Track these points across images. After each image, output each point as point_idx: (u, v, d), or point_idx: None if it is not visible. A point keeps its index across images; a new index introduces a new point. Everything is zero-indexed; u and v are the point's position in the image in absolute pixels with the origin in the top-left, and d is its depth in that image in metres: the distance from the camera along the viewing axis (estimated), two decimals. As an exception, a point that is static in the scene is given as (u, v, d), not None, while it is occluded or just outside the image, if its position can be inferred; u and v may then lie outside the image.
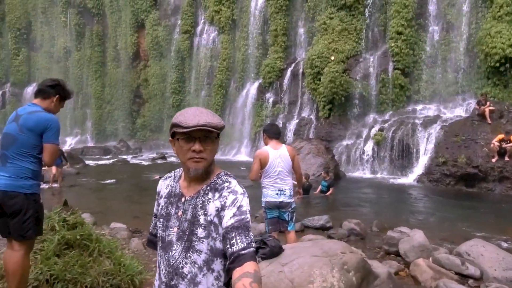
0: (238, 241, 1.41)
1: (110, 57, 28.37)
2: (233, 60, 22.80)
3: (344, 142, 16.25)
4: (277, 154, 4.53)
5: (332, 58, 17.01)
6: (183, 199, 1.57)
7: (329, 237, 6.90)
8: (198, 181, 1.56)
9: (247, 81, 22.13)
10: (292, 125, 18.53)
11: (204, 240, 1.49)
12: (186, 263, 1.51)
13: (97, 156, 22.73)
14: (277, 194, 4.57)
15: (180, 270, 1.52)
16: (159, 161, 20.12)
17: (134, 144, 26.47)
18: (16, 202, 2.78)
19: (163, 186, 1.68)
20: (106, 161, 20.82)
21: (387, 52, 16.45)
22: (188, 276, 1.51)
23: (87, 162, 19.35)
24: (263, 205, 4.74)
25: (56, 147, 2.96)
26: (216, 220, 1.49)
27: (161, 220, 1.60)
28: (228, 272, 1.43)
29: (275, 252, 3.51)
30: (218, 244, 1.48)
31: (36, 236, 2.95)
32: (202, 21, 24.44)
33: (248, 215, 1.48)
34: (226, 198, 1.50)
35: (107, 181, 13.90)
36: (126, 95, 27.55)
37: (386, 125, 15.21)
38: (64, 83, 3.14)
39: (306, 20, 20.02)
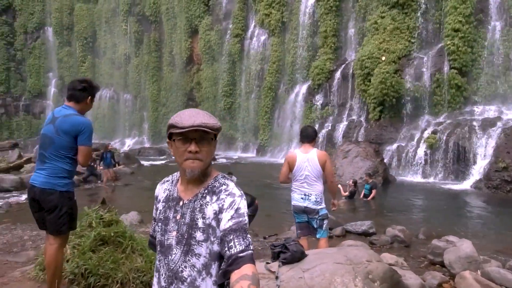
0: (236, 243, 1.40)
1: (166, 62, 29.60)
2: (282, 63, 22.85)
3: (395, 145, 15.67)
4: (305, 158, 4.46)
5: (383, 58, 16.49)
6: (181, 203, 1.56)
7: (371, 243, 6.71)
8: (196, 184, 1.55)
9: (296, 83, 22.08)
10: (341, 128, 18.20)
11: (203, 243, 1.49)
12: (185, 266, 1.50)
13: (152, 157, 23.77)
14: (302, 198, 4.49)
15: (180, 274, 1.51)
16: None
17: (187, 146, 27.35)
18: (52, 199, 3.00)
19: (161, 190, 1.67)
20: (159, 161, 21.73)
21: (443, 51, 15.64)
22: (188, 280, 1.50)
23: (142, 162, 20.32)
24: (291, 208, 4.72)
25: (90, 149, 3.15)
26: (214, 223, 1.48)
27: (160, 224, 1.59)
28: (226, 274, 1.42)
29: (297, 257, 3.46)
30: (216, 247, 1.48)
31: (69, 231, 3.19)
32: (253, 24, 24.76)
33: (246, 218, 1.48)
34: (224, 201, 1.49)
35: (158, 181, 14.52)
36: (180, 98, 28.59)
37: (440, 127, 14.46)
38: (91, 81, 3.30)
39: (357, 20, 19.58)
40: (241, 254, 1.39)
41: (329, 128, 18.78)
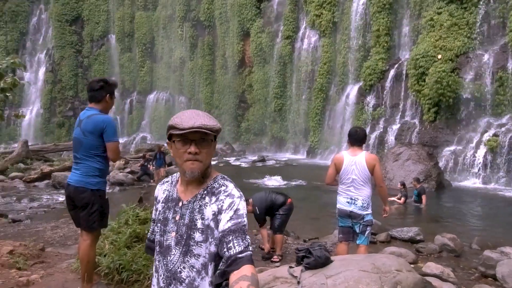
0: (235, 244, 1.41)
1: (219, 65, 30.29)
2: (333, 64, 22.49)
3: (451, 148, 14.83)
4: (352, 161, 4.34)
5: (439, 56, 15.67)
6: (180, 204, 1.57)
7: (417, 251, 6.47)
8: (195, 185, 1.56)
9: (347, 84, 21.62)
10: (393, 130, 17.55)
11: (202, 244, 1.49)
12: (184, 267, 1.51)
13: (205, 158, 24.40)
14: (348, 202, 4.39)
15: (178, 275, 1.52)
16: (259, 164, 20.82)
17: (239, 147, 27.81)
18: (84, 197, 3.19)
19: (160, 191, 1.69)
20: (212, 162, 22.31)
21: (507, 47, 14.55)
22: (186, 281, 1.51)
23: (194, 163, 20.96)
24: (336, 211, 4.63)
25: (116, 144, 3.28)
26: (212, 224, 1.49)
27: (159, 225, 1.61)
28: (224, 274, 1.42)
29: (320, 262, 3.40)
30: (213, 248, 1.49)
31: (100, 228, 3.41)
32: (303, 25, 24.62)
33: (245, 219, 1.48)
34: (223, 202, 1.49)
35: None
36: (232, 100, 29.12)
37: (502, 129, 13.48)
38: (107, 80, 3.43)
39: (411, 17, 18.78)
40: (240, 255, 1.39)
41: (381, 130, 18.18)
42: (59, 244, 6.18)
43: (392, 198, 10.54)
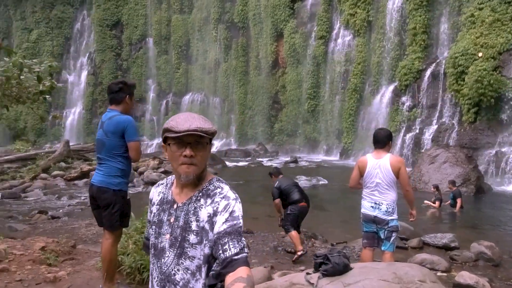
0: (231, 246, 1.41)
1: (252, 66, 30.42)
2: (368, 63, 22.02)
3: (492, 151, 14.13)
4: (376, 164, 4.22)
5: (480, 54, 14.98)
6: (175, 206, 1.57)
7: (451, 259, 6.24)
8: (190, 187, 1.56)
9: (382, 85, 21.10)
10: (430, 131, 16.95)
11: (197, 246, 1.49)
12: (178, 269, 1.51)
13: (237, 158, 24.62)
14: (372, 207, 4.28)
15: (172, 277, 1.52)
16: (291, 165, 20.73)
17: (272, 148, 27.81)
18: (106, 197, 3.28)
19: (155, 193, 1.69)
20: (244, 163, 22.44)
21: (555, 44, 13.71)
22: (180, 283, 1.51)
23: (227, 163, 21.18)
24: (361, 216, 4.54)
25: (137, 144, 3.34)
26: (207, 226, 1.49)
27: (154, 227, 1.61)
28: (219, 276, 1.43)
29: (338, 270, 3.31)
30: (207, 250, 1.49)
31: (122, 228, 3.51)
32: (337, 25, 24.28)
33: (241, 221, 1.49)
34: (218, 204, 1.49)
35: (238, 182, 15.01)
36: (265, 101, 29.15)
37: (549, 131, 12.70)
38: (126, 81, 3.51)
39: (451, 14, 18.06)
40: (235, 257, 1.40)
41: (417, 131, 17.61)
42: (91, 241, 6.42)
43: (427, 202, 10.21)
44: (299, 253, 5.72)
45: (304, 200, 6.14)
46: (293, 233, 5.89)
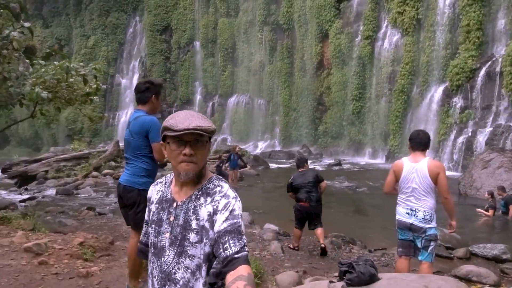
0: (231, 245, 1.41)
1: (297, 68, 30.27)
2: (416, 63, 21.15)
3: (555, 156, 13.01)
4: (413, 168, 3.98)
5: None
6: (174, 204, 1.56)
7: (502, 272, 5.84)
8: (190, 185, 1.56)
9: (431, 85, 20.18)
10: (484, 134, 15.95)
11: (197, 245, 1.49)
12: (178, 268, 1.51)
13: (281, 160, 24.59)
14: (407, 213, 4.04)
15: (173, 276, 1.52)
16: (335, 168, 20.37)
17: (316, 150, 27.49)
18: (131, 196, 3.33)
19: (154, 192, 1.68)
20: (287, 165, 22.36)
21: None
22: (181, 282, 1.51)
23: (270, 165, 21.20)
24: (396, 223, 4.35)
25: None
26: (207, 224, 1.49)
27: (153, 226, 1.60)
28: (220, 275, 1.44)
29: (364, 280, 3.15)
30: (208, 249, 1.50)
31: None
32: (385, 24, 23.55)
33: (241, 220, 1.48)
34: (218, 203, 1.49)
35: (280, 184, 14.96)
36: (310, 103, 28.89)
37: None
38: (153, 80, 3.49)
39: (509, 9, 16.91)
40: (236, 255, 1.39)
41: (469, 134, 16.64)
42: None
43: (479, 210, 9.64)
44: (290, 246, 6.58)
45: (307, 201, 6.38)
46: (295, 229, 6.58)
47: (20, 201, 11.68)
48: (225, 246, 1.41)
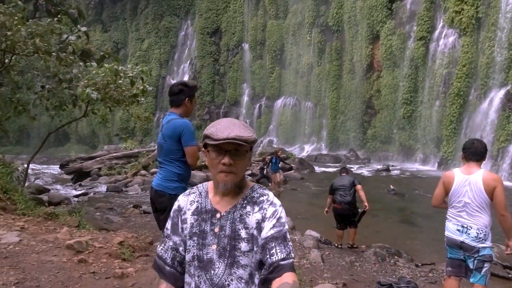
0: (278, 251, 1.42)
1: (346, 70, 29.62)
2: (475, 65, 19.90)
3: None
4: (465, 181, 3.62)
5: None
6: (218, 215, 1.53)
7: None
8: (231, 195, 1.55)
9: (491, 89, 18.88)
10: (550, 142, 14.68)
11: (248, 254, 1.49)
12: (232, 279, 1.48)
13: (327, 164, 24.13)
14: (458, 230, 3.68)
15: None
16: (383, 173, 19.66)
17: (363, 154, 26.71)
18: (162, 201, 3.26)
19: (186, 202, 1.62)
20: (333, 169, 21.90)
21: None
22: None
23: (316, 168, 20.86)
24: (444, 239, 3.94)
25: (194, 149, 3.22)
26: (256, 232, 1.49)
27: (195, 238, 1.55)
28: (266, 282, 1.43)
29: None
30: (258, 256, 1.49)
31: None
32: (441, 24, 22.38)
33: (287, 227, 1.51)
34: (266, 210, 1.50)
35: (325, 188, 14.62)
36: (358, 106, 28.14)
37: None
38: (187, 83, 3.39)
39: None
40: (282, 262, 1.40)
41: (534, 142, 15.41)
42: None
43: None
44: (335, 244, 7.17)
45: (342, 203, 6.90)
46: (336, 229, 7.25)
47: (74, 196, 12.32)
48: (271, 252, 1.42)
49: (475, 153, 3.68)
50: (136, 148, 22.66)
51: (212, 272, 1.50)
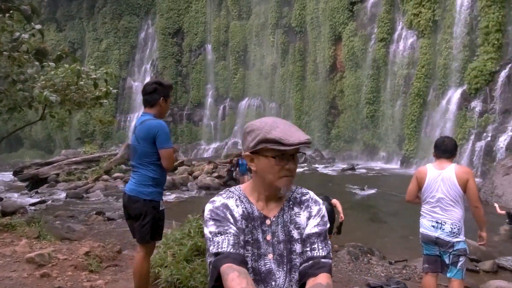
0: (320, 247, 1.44)
1: (310, 71, 29.94)
2: (433, 66, 20.68)
3: None
4: (438, 176, 3.65)
5: None
6: (267, 221, 1.49)
7: None
8: (276, 199, 1.52)
9: (448, 88, 19.69)
10: (504, 139, 15.44)
11: (302, 254, 1.48)
12: (291, 285, 1.46)
13: (293, 164, 24.18)
14: (433, 226, 3.70)
15: None
16: (348, 172, 19.99)
17: (328, 154, 27.09)
18: (136, 207, 3.05)
19: (234, 206, 1.48)
20: (298, 169, 21.98)
21: None
22: None
23: (282, 169, 20.87)
24: (419, 236, 3.97)
25: (170, 151, 3.05)
26: (304, 231, 1.50)
27: (249, 248, 1.45)
28: (304, 276, 1.41)
29: None
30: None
31: (154, 241, 3.26)
32: (400, 26, 23.11)
33: (328, 225, 1.52)
34: (312, 209, 1.52)
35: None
36: (322, 106, 28.51)
37: None
38: (161, 81, 3.22)
39: (530, 10, 16.42)
40: (324, 260, 1.41)
41: (488, 139, 16.14)
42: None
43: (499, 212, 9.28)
44: None
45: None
46: None
47: (30, 205, 11.58)
48: (313, 246, 1.44)
49: (446, 150, 3.73)
50: (96, 152, 21.77)
51: (274, 283, 1.44)
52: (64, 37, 41.81)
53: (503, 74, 16.54)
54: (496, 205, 9.63)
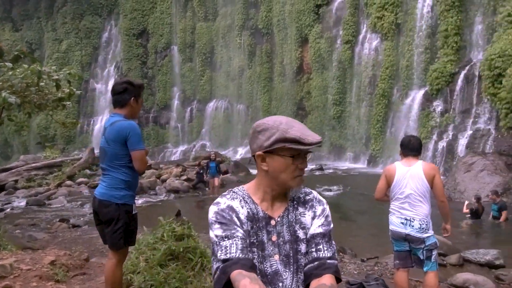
0: (325, 248, 1.42)
1: (277, 72, 30.13)
2: (396, 68, 21.34)
3: (535, 158, 13.19)
4: (406, 172, 3.75)
5: (519, 56, 14.10)
6: (272, 222, 1.47)
7: (497, 278, 5.67)
8: (280, 199, 1.51)
9: (411, 89, 20.39)
10: (464, 138, 16.12)
11: (307, 255, 1.47)
12: (298, 286, 1.45)
13: (262, 166, 24.20)
14: (402, 223, 3.78)
15: None
16: (317, 173, 20.22)
17: (297, 155, 27.30)
18: (109, 211, 2.91)
19: (239, 207, 1.45)
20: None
21: None
22: None
23: (251, 170, 20.82)
24: (389, 233, 4.04)
25: (142, 153, 2.94)
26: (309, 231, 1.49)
27: (254, 249, 1.43)
28: (309, 277, 1.39)
29: None
30: None
31: (127, 246, 3.11)
32: (364, 29, 23.68)
33: (332, 225, 1.51)
34: (316, 208, 1.50)
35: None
36: (290, 108, 28.73)
37: None
38: (132, 81, 3.10)
39: (485, 14, 17.24)
40: (329, 261, 1.40)
41: (450, 137, 16.82)
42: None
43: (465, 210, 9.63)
44: None
45: None
46: None
47: (-13, 214, 10.93)
48: (318, 247, 1.42)
49: (412, 149, 3.86)
50: (58, 157, 20.89)
51: (281, 284, 1.43)
52: (20, 37, 40.01)
53: (462, 75, 17.28)
54: (467, 202, 9.95)
